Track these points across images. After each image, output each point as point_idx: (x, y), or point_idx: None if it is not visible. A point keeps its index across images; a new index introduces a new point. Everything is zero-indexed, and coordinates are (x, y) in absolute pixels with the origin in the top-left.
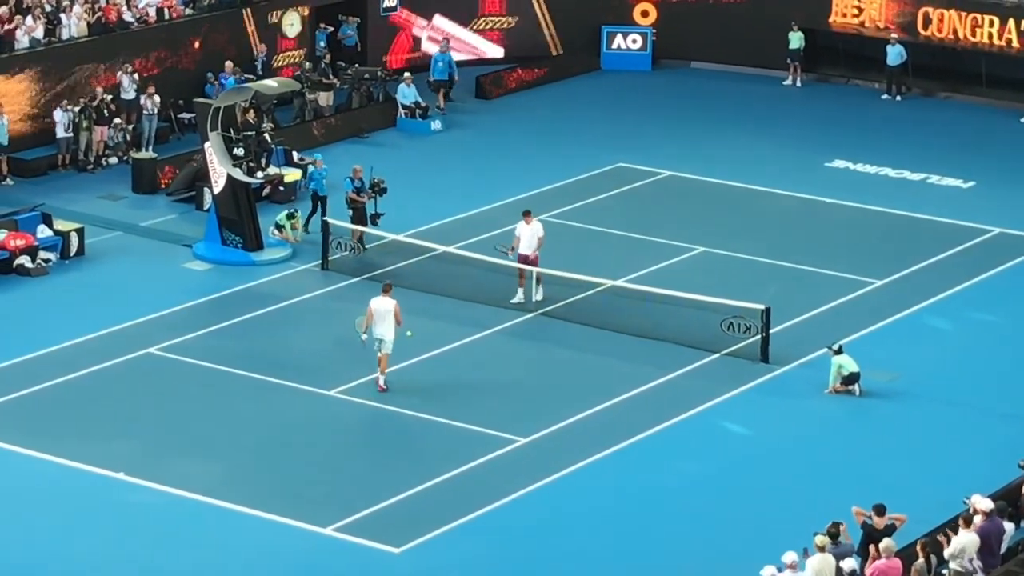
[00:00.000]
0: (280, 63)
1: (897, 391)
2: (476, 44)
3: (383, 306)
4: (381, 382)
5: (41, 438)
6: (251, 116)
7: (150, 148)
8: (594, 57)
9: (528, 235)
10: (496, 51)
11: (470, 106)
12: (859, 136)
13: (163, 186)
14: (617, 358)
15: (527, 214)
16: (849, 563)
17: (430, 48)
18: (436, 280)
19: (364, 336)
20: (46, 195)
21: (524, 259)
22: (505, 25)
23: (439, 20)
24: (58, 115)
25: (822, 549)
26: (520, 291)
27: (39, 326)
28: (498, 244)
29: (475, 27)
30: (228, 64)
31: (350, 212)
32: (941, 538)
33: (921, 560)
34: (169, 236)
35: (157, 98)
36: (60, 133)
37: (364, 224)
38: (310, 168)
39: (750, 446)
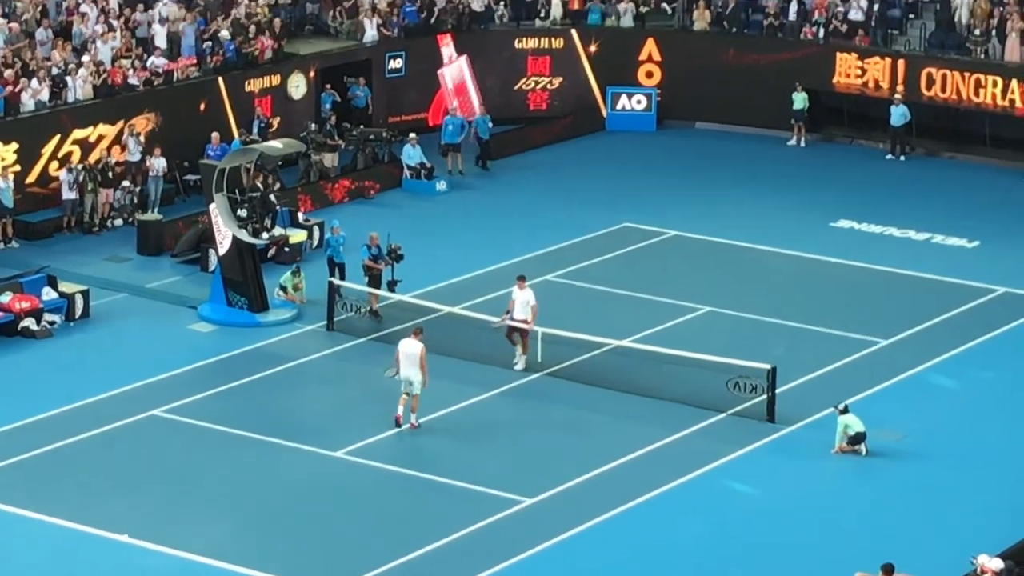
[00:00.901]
0: (281, 127)
1: (903, 451)
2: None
3: (411, 349)
4: (413, 420)
5: (46, 501)
6: (259, 179)
7: (156, 210)
8: (598, 118)
9: (521, 301)
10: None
11: (474, 167)
12: (864, 196)
13: (168, 248)
14: (623, 418)
15: (521, 279)
16: None
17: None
18: (441, 341)
19: (393, 375)
20: (51, 257)
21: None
22: (550, 85)
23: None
24: (64, 176)
25: None
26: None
27: (44, 388)
28: (490, 325)
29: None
30: (215, 136)
31: (366, 279)
32: None
33: None
34: (174, 298)
35: (163, 160)
36: (66, 195)
37: (378, 290)
38: (327, 235)
39: (757, 506)
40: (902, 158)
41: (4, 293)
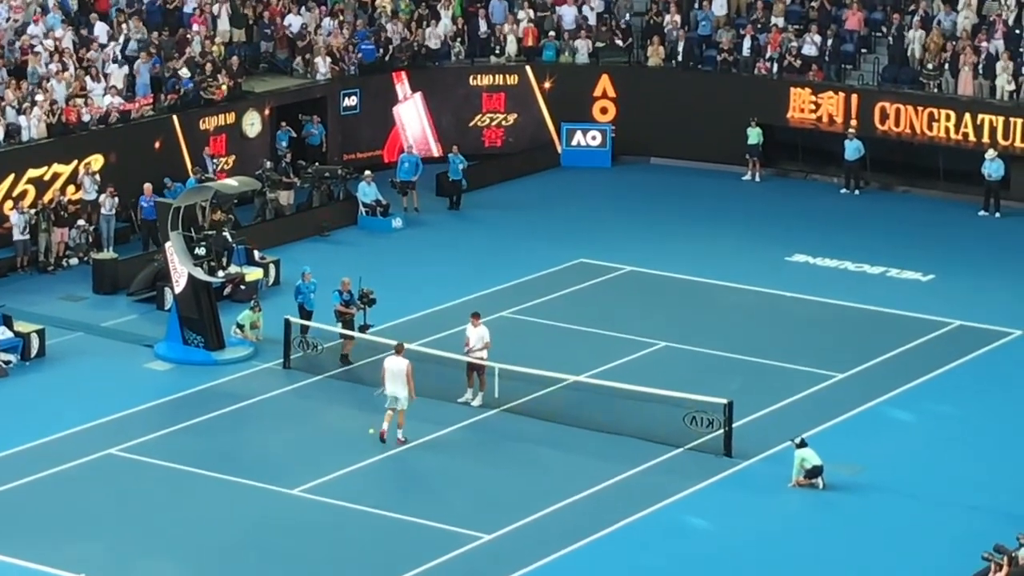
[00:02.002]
0: (236, 165)
1: (860, 484)
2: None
3: (396, 366)
4: (400, 436)
5: (3, 541)
6: (218, 215)
7: (111, 248)
8: (553, 154)
9: (476, 337)
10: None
11: (432, 204)
12: (819, 230)
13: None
14: (580, 454)
15: (475, 316)
16: None
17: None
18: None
19: (378, 393)
20: (6, 297)
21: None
22: (505, 122)
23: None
24: (14, 218)
25: None
26: (469, 391)
27: None
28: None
29: (477, 123)
30: (147, 187)
31: (338, 324)
32: None
33: None
34: (130, 336)
35: (116, 199)
36: (16, 236)
37: (351, 337)
38: (298, 281)
39: (713, 541)
40: (856, 192)
41: None
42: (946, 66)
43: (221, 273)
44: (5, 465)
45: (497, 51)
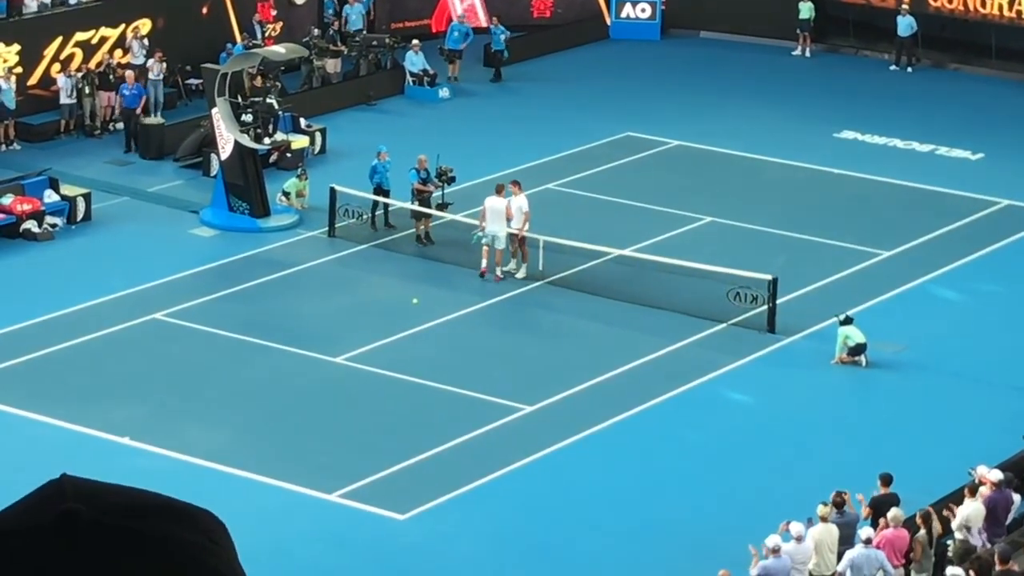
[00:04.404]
0: (283, 32)
1: (904, 362)
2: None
3: (498, 204)
4: (499, 272)
5: (46, 402)
6: (258, 82)
7: (158, 113)
8: (601, 26)
9: (516, 207)
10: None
11: (478, 74)
12: (868, 107)
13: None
14: (623, 327)
15: (515, 184)
16: (867, 531)
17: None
18: (442, 249)
19: (479, 232)
20: (53, 160)
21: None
22: None
23: None
24: (61, 81)
25: (824, 519)
26: (512, 261)
27: (45, 291)
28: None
29: None
30: (129, 75)
31: (415, 202)
32: (946, 512)
33: (923, 531)
34: (176, 202)
35: (164, 64)
36: (63, 99)
37: (429, 214)
38: (374, 161)
39: (755, 416)
40: (908, 69)
41: (6, 195)
42: None
43: (267, 140)
44: (50, 328)
45: None
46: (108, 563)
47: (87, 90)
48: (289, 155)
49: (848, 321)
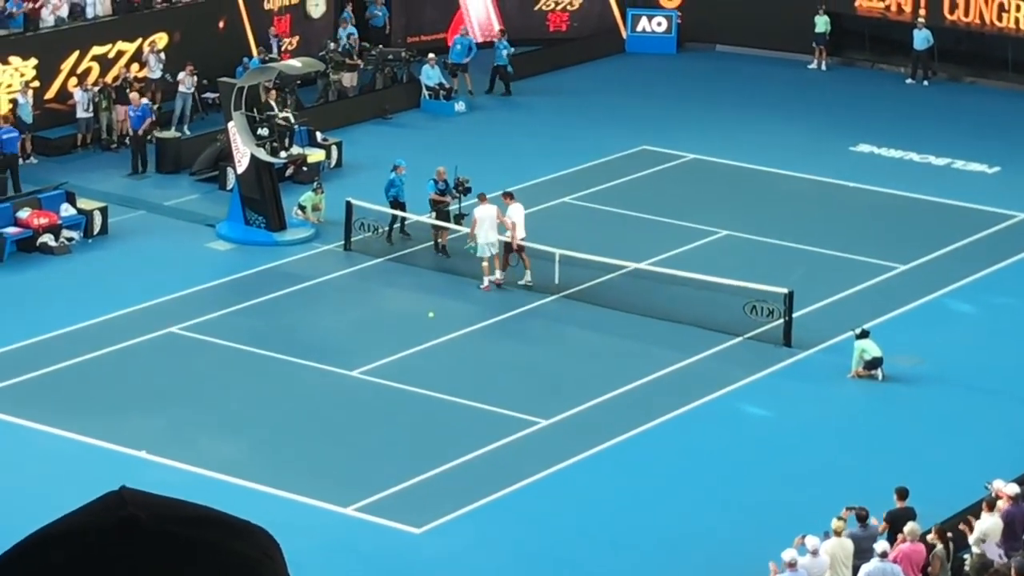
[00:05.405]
0: (299, 46)
1: (920, 376)
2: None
3: (486, 212)
4: (498, 275)
5: (62, 416)
6: (273, 96)
7: (185, 126)
8: (617, 40)
9: (515, 215)
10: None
11: (494, 88)
12: (884, 121)
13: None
14: (639, 341)
15: (507, 196)
16: (883, 545)
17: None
18: (458, 262)
19: (471, 244)
20: (70, 174)
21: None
22: (570, 6)
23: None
24: (78, 95)
25: (839, 533)
26: (499, 272)
27: (61, 305)
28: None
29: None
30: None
31: (432, 213)
32: (963, 526)
33: (940, 546)
34: (192, 216)
35: (194, 77)
36: (80, 113)
37: (446, 227)
38: (391, 175)
39: (771, 430)
40: (924, 83)
41: (23, 209)
42: None
43: (283, 154)
44: (66, 341)
45: None
46: (166, 569)
47: (104, 104)
48: (305, 169)
49: (864, 335)
